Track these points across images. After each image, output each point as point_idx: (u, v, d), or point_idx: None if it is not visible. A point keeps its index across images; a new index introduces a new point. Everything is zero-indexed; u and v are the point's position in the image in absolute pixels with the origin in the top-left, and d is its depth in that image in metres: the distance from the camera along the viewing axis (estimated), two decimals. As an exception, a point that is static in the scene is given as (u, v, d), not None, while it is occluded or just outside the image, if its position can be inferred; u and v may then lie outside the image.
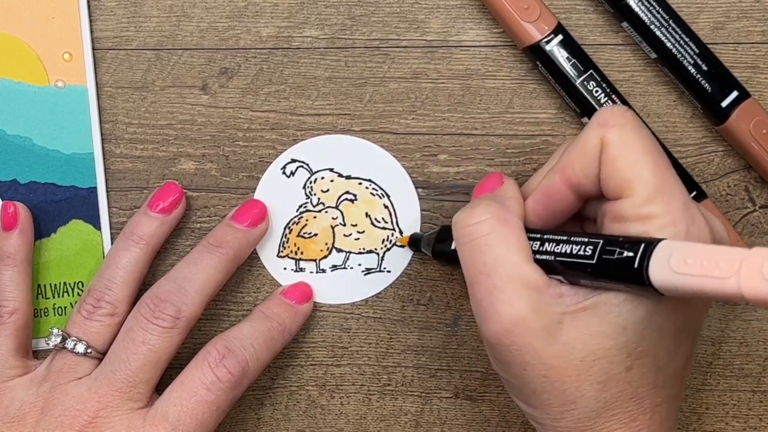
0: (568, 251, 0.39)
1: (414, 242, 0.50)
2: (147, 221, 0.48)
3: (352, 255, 0.51)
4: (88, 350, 0.46)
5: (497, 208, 0.41)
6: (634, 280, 0.36)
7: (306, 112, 0.50)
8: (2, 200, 0.50)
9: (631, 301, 0.38)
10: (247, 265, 0.51)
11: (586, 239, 0.38)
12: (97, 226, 0.50)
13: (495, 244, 0.40)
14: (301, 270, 0.51)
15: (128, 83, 0.50)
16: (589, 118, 0.48)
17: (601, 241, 0.38)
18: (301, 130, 0.50)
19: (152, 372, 0.46)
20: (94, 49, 0.50)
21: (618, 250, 0.37)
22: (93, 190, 0.50)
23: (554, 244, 0.40)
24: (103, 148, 0.50)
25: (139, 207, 0.50)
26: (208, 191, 0.51)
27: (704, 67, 0.48)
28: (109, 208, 0.50)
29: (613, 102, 0.48)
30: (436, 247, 0.47)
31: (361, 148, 0.50)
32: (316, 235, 0.51)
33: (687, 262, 0.33)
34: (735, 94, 0.48)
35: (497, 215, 0.41)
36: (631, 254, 0.36)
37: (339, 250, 0.51)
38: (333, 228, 0.51)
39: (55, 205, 0.50)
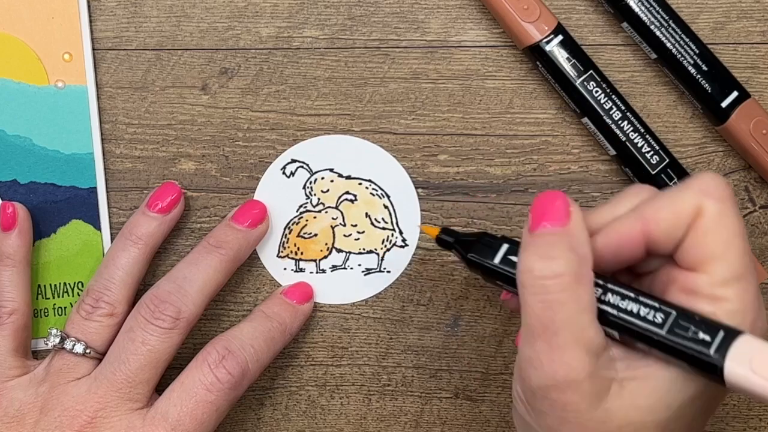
0: (634, 311, 0.37)
1: (443, 240, 0.43)
2: (145, 221, 0.48)
3: (352, 255, 0.51)
4: (87, 350, 0.46)
5: (576, 263, 0.38)
6: (704, 367, 0.34)
7: (306, 112, 0.50)
8: (2, 200, 0.49)
9: (682, 380, 0.37)
10: (247, 265, 0.51)
11: (656, 304, 0.36)
12: (97, 226, 0.50)
13: (568, 302, 0.37)
14: (301, 270, 0.51)
15: (128, 83, 0.50)
16: (589, 118, 0.48)
17: (674, 313, 0.36)
18: (301, 131, 0.50)
19: (152, 372, 0.46)
20: (94, 49, 0.50)
21: (692, 328, 0.35)
22: (93, 191, 0.50)
23: (619, 298, 0.38)
24: (103, 148, 0.50)
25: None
26: (208, 191, 0.51)
27: (704, 68, 0.48)
28: (109, 208, 0.50)
29: (613, 102, 0.48)
30: (473, 256, 0.40)
31: (361, 148, 0.50)
32: (316, 235, 0.51)
33: None
34: (735, 94, 0.48)
35: (575, 273, 0.38)
36: (707, 338, 0.34)
37: (339, 251, 0.51)
38: (333, 228, 0.51)
39: (55, 205, 0.50)
